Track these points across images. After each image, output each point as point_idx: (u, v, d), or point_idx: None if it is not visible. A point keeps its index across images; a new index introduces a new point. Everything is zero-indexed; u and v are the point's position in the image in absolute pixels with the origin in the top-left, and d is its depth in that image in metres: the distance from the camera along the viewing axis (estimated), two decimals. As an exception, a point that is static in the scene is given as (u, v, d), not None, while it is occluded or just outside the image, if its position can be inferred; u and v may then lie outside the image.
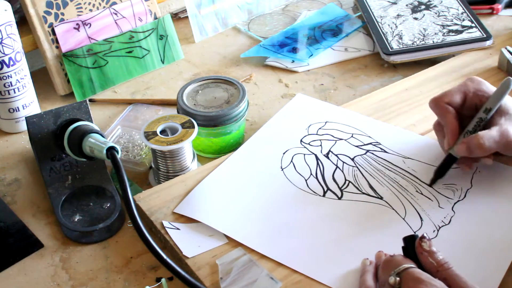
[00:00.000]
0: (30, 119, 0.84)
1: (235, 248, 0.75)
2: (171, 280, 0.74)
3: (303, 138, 0.90)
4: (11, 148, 0.96)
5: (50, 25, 1.02)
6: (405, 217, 0.78)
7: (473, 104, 0.81)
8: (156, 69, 1.11)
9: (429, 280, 0.62)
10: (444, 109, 0.81)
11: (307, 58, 1.12)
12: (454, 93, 0.81)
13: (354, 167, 0.86)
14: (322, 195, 0.82)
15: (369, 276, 0.69)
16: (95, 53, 1.04)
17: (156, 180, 0.87)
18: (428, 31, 1.12)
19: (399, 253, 0.68)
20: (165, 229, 0.77)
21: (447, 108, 0.81)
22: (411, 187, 0.82)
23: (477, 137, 0.77)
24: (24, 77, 0.95)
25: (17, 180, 0.90)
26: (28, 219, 0.83)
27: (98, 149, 0.80)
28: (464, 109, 0.82)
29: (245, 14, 1.25)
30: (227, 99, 0.91)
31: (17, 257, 0.78)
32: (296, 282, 0.71)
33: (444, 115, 0.81)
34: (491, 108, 0.79)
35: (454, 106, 0.81)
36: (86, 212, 0.82)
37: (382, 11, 1.19)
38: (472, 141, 0.77)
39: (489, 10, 1.22)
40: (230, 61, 1.14)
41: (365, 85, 1.06)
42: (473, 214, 0.78)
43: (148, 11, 1.10)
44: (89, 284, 0.74)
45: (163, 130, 0.85)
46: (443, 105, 0.81)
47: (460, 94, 0.81)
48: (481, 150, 0.77)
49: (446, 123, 0.81)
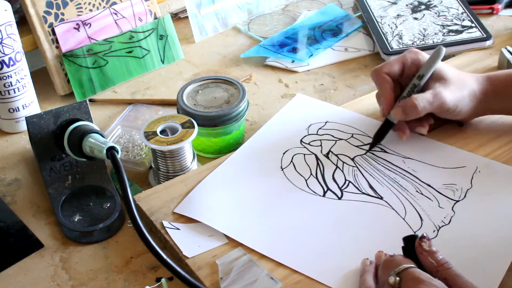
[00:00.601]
0: (30, 119, 0.84)
1: (235, 248, 0.75)
2: (171, 280, 0.74)
3: (303, 138, 0.90)
4: (11, 148, 0.96)
5: (50, 25, 1.02)
6: (405, 217, 0.78)
7: (410, 73, 0.86)
8: (156, 69, 1.11)
9: (429, 280, 0.62)
10: (382, 79, 0.85)
11: (307, 58, 1.12)
12: (392, 63, 0.86)
13: (354, 167, 0.86)
14: (322, 195, 0.82)
15: (369, 276, 0.69)
16: (95, 53, 1.05)
17: (156, 180, 0.87)
18: (428, 31, 1.12)
19: (399, 253, 0.68)
20: (165, 229, 0.77)
21: (384, 78, 0.85)
22: (411, 187, 0.82)
23: (411, 99, 0.82)
24: (24, 77, 0.95)
25: (17, 180, 0.90)
26: (28, 219, 0.83)
27: (98, 149, 0.80)
28: (403, 78, 0.87)
29: (245, 14, 1.25)
30: (227, 99, 0.91)
31: (17, 257, 0.78)
32: (296, 282, 0.71)
33: (381, 84, 0.86)
34: (424, 75, 0.84)
35: (392, 75, 0.86)
36: (86, 212, 0.82)
37: (382, 11, 1.19)
38: (407, 103, 0.82)
39: (489, 10, 1.23)
40: (230, 61, 1.14)
41: (365, 85, 1.06)
42: (473, 214, 0.78)
43: (148, 11, 1.10)
44: (89, 284, 0.74)
45: (163, 130, 0.85)
46: (381, 75, 0.86)
47: (398, 64, 0.86)
48: (415, 111, 0.82)
49: (382, 92, 0.86)
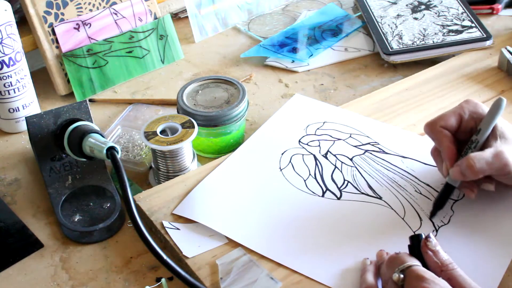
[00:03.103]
0: (30, 119, 0.84)
1: (235, 248, 0.75)
2: (171, 280, 0.74)
3: (301, 139, 0.90)
4: (11, 148, 0.96)
5: (50, 25, 1.02)
6: (404, 217, 0.78)
7: (468, 127, 0.78)
8: (156, 69, 1.11)
9: (433, 279, 0.62)
10: (440, 134, 0.77)
11: (307, 58, 1.12)
12: (449, 116, 0.78)
13: (352, 167, 0.86)
14: (321, 196, 0.82)
15: (369, 275, 0.69)
16: (95, 53, 1.05)
17: (156, 180, 0.87)
18: (428, 31, 1.12)
19: (404, 251, 0.68)
20: (165, 229, 0.77)
21: (442, 132, 0.77)
22: (410, 187, 0.82)
23: (468, 158, 0.73)
24: (24, 77, 0.95)
25: (17, 180, 0.90)
26: (28, 219, 0.83)
27: (98, 149, 0.80)
28: (460, 133, 0.78)
29: (245, 14, 1.25)
30: (227, 99, 0.91)
31: (17, 257, 0.78)
32: (296, 282, 0.71)
33: (441, 139, 0.77)
34: (482, 129, 0.75)
35: (449, 129, 0.77)
36: (86, 212, 0.82)
37: (382, 11, 1.19)
38: (463, 163, 0.73)
39: (489, 10, 1.23)
40: (230, 61, 1.14)
41: (365, 85, 1.06)
42: (472, 214, 0.78)
43: (148, 11, 1.10)
44: (89, 284, 0.75)
45: (163, 130, 0.85)
46: (439, 129, 0.77)
47: (455, 116, 0.78)
48: (471, 172, 0.73)
49: (443, 147, 0.77)
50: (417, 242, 0.68)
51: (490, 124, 0.75)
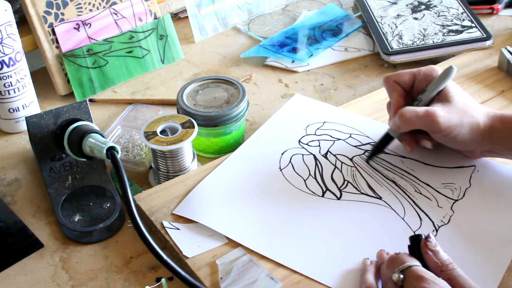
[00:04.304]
0: (30, 119, 0.84)
1: (235, 248, 0.75)
2: (171, 280, 0.74)
3: (301, 139, 0.90)
4: (11, 148, 0.96)
5: (50, 25, 1.02)
6: (404, 217, 0.78)
7: (420, 87, 0.83)
8: (156, 69, 1.11)
9: (432, 279, 0.62)
10: (392, 86, 0.84)
11: (307, 58, 1.12)
12: (404, 73, 0.84)
13: (352, 167, 0.86)
14: (321, 196, 0.82)
15: (370, 275, 0.69)
16: (95, 53, 1.05)
17: (156, 180, 0.87)
18: (428, 31, 1.12)
19: (404, 252, 0.68)
20: (165, 229, 0.77)
21: (394, 85, 0.84)
22: (410, 186, 0.82)
23: (401, 109, 0.80)
24: (24, 77, 0.95)
25: (17, 180, 0.90)
26: (28, 219, 0.83)
27: (98, 149, 0.80)
28: (414, 92, 0.84)
29: (245, 14, 1.25)
30: (227, 99, 0.91)
31: (17, 257, 0.78)
32: (296, 282, 0.71)
33: (391, 92, 0.84)
34: (428, 90, 0.81)
35: (401, 85, 0.84)
36: (86, 212, 0.82)
37: (382, 11, 1.19)
38: (399, 113, 0.80)
39: (489, 10, 1.23)
40: (230, 61, 1.14)
41: (365, 85, 1.06)
42: (472, 214, 0.78)
43: (148, 11, 1.10)
44: (89, 284, 0.75)
45: (163, 130, 0.85)
46: (392, 83, 0.84)
47: (409, 75, 0.84)
48: (402, 121, 0.79)
49: (392, 99, 0.84)
50: (417, 242, 0.68)
51: (436, 87, 0.81)
